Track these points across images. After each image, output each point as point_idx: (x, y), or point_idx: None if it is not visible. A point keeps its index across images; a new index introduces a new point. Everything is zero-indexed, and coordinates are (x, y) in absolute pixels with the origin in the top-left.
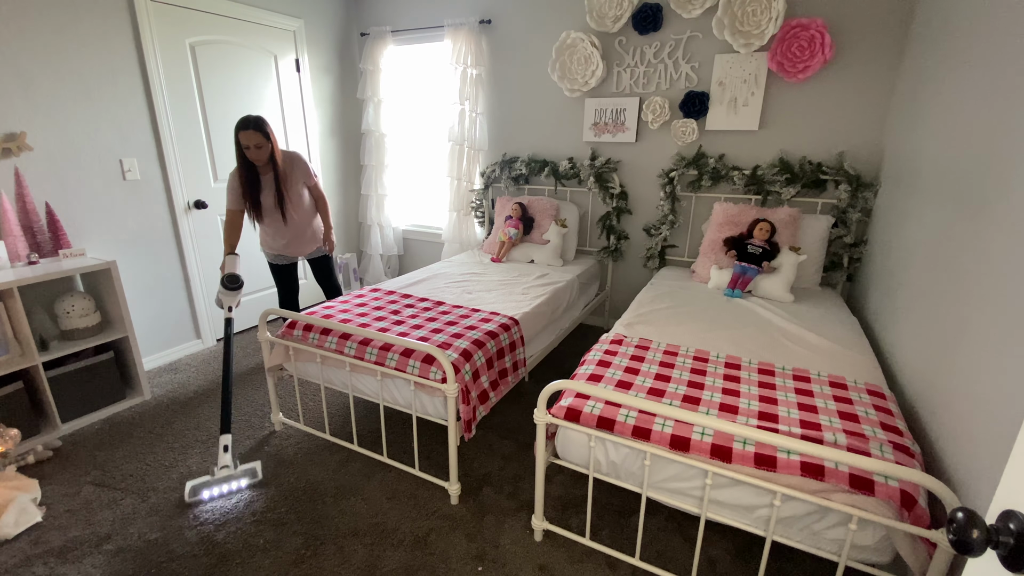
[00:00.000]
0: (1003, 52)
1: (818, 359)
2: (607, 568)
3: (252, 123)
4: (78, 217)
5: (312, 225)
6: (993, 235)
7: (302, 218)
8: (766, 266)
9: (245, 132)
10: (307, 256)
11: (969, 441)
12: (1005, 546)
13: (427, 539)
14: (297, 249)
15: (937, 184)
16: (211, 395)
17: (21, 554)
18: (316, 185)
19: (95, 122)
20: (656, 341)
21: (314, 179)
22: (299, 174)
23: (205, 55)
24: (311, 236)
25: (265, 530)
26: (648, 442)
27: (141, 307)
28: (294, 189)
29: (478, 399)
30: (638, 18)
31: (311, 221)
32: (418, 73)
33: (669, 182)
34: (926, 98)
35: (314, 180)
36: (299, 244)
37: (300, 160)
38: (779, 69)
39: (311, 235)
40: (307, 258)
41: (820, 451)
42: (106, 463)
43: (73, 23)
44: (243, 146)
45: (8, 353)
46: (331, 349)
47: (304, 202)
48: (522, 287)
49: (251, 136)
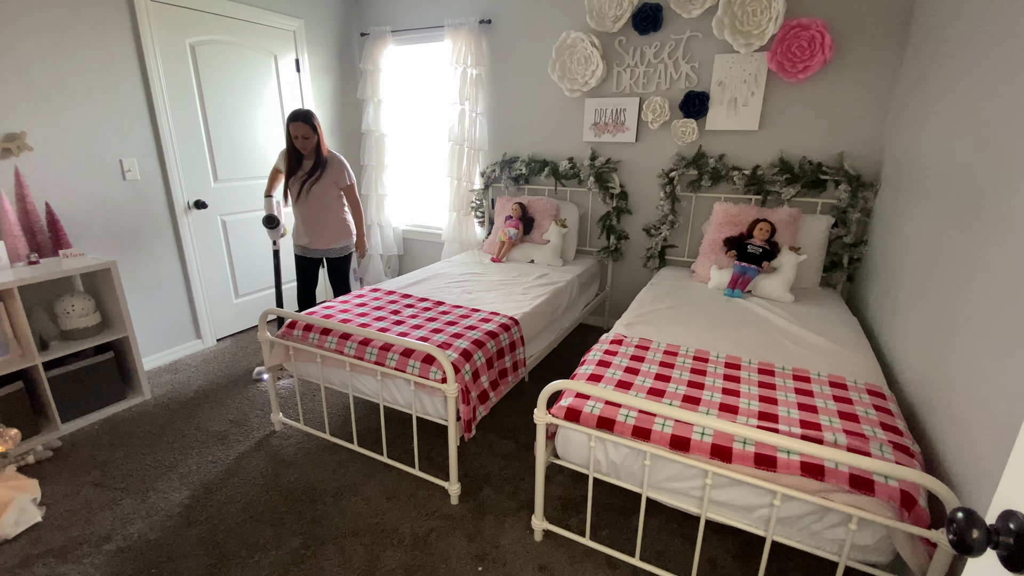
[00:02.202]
0: (1003, 52)
1: (818, 359)
2: (607, 568)
3: (302, 116)
4: (78, 217)
5: (332, 221)
6: (993, 235)
7: (321, 210)
8: (766, 266)
9: (295, 123)
10: (326, 253)
11: (969, 441)
12: (1005, 546)
13: (427, 539)
14: (316, 240)
15: (937, 184)
16: (211, 395)
17: (21, 554)
18: (349, 189)
19: (95, 122)
20: (656, 341)
21: (348, 183)
22: (333, 173)
23: (205, 55)
24: (328, 231)
25: (265, 530)
26: (648, 442)
27: (141, 307)
28: (323, 183)
29: (478, 399)
30: (638, 18)
31: (332, 217)
32: (418, 73)
33: (669, 182)
34: (926, 98)
35: (347, 184)
36: (316, 235)
37: (339, 162)
38: (779, 69)
39: (329, 230)
40: (326, 256)
41: (820, 451)
42: (106, 463)
43: (73, 23)
44: (292, 136)
45: (8, 353)
46: (331, 349)
47: (329, 198)
48: (522, 287)
49: (300, 127)
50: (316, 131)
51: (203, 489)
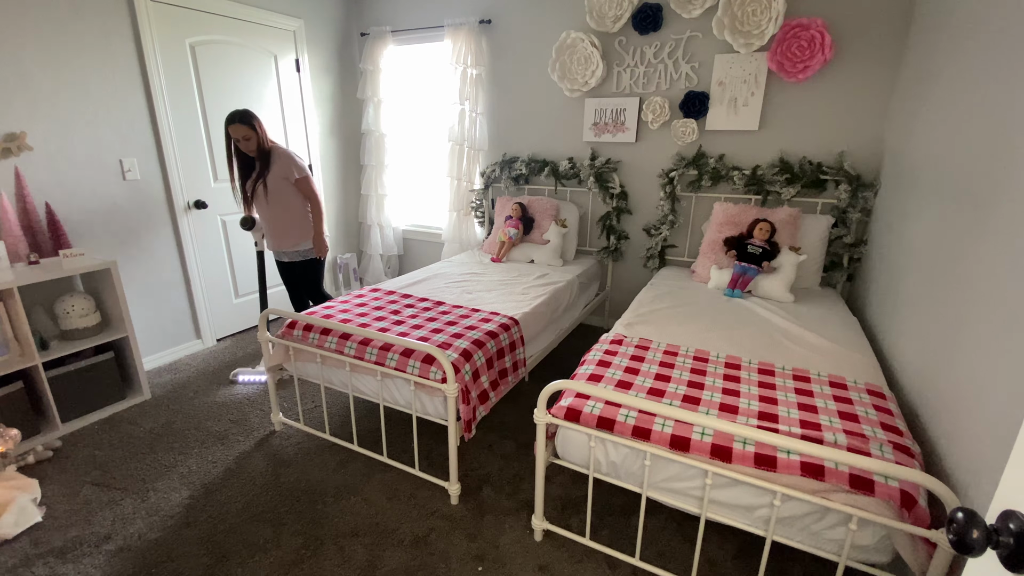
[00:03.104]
0: (1002, 52)
1: (818, 359)
2: (607, 568)
3: (238, 117)
4: (78, 217)
5: (287, 221)
6: (993, 234)
7: (275, 211)
8: (766, 266)
9: (232, 126)
10: (285, 256)
11: (969, 441)
12: (1005, 546)
13: (427, 539)
14: (272, 243)
15: (937, 184)
16: (211, 395)
17: (21, 554)
18: (302, 182)
19: (95, 122)
20: (656, 341)
21: (298, 176)
22: (279, 169)
23: (205, 55)
24: (282, 232)
25: (265, 530)
26: (648, 442)
27: (141, 307)
28: (273, 181)
29: (478, 399)
30: (638, 18)
31: (288, 217)
32: (418, 73)
33: (669, 182)
34: (926, 98)
35: (298, 177)
36: (272, 238)
37: (284, 155)
38: (779, 69)
39: (283, 230)
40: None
41: (820, 451)
42: (106, 463)
43: (73, 23)
44: (233, 139)
45: (8, 353)
46: (331, 349)
47: (284, 196)
48: (522, 287)
49: (238, 129)
50: (255, 130)
51: (203, 489)
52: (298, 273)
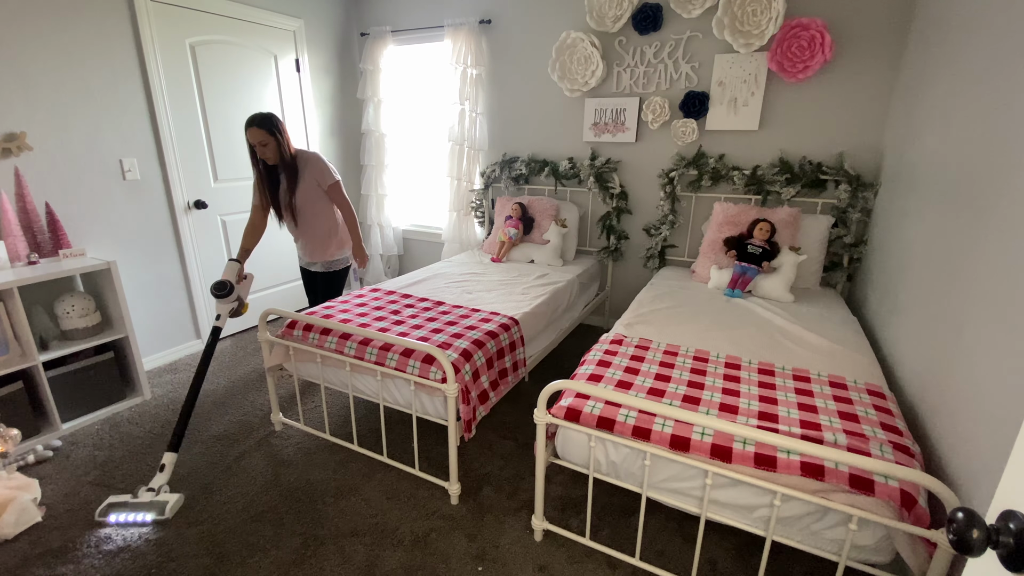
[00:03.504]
0: (1002, 52)
1: (818, 359)
2: (607, 568)
3: (256, 121)
4: (78, 217)
5: (327, 231)
6: (993, 234)
7: (314, 221)
8: (766, 266)
9: (250, 130)
10: (325, 266)
11: (969, 441)
12: (1005, 546)
13: (427, 539)
14: (313, 254)
15: (937, 184)
16: (211, 395)
17: (21, 554)
18: (334, 188)
19: (95, 122)
20: (656, 341)
21: (332, 181)
22: (311, 174)
23: (205, 55)
24: (324, 242)
25: (265, 530)
26: (648, 442)
27: (141, 307)
28: (305, 189)
29: (478, 399)
30: (638, 18)
31: (327, 226)
32: (418, 73)
33: (669, 182)
34: (926, 98)
35: (331, 182)
36: (313, 249)
37: (314, 159)
38: (779, 69)
39: (324, 241)
40: (319, 270)
41: (820, 451)
42: (106, 463)
43: (73, 23)
44: (251, 145)
45: (8, 353)
46: (331, 349)
47: (318, 203)
48: (522, 287)
49: (255, 134)
50: (275, 135)
51: (203, 489)
52: (327, 282)
